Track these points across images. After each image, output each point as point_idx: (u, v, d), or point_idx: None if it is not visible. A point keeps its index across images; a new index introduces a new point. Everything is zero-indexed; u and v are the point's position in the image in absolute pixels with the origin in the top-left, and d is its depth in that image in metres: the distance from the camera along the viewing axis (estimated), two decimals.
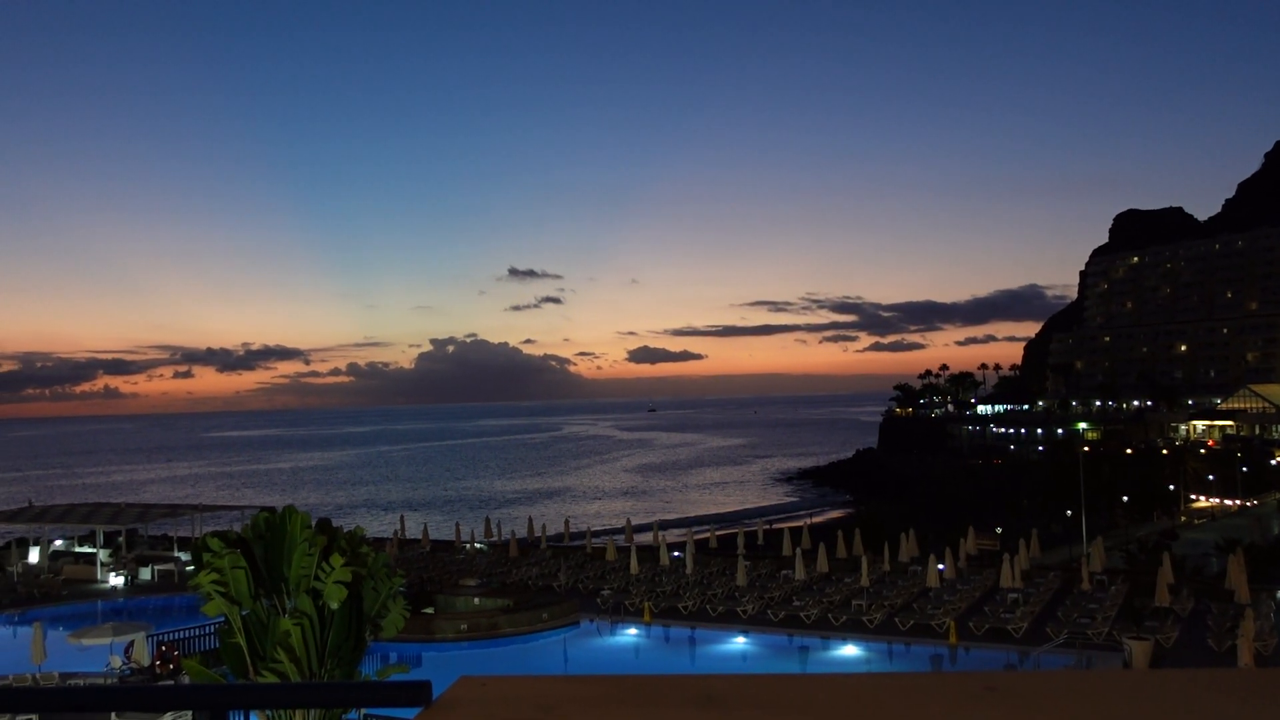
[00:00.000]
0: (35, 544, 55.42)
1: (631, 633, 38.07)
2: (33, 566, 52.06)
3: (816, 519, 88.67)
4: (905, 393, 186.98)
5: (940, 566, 41.69)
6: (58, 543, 56.51)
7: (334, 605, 19.77)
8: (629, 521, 59.80)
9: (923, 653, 33.95)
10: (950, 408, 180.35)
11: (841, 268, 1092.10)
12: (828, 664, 34.34)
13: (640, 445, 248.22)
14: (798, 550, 45.55)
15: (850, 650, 34.82)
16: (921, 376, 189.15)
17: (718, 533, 57.28)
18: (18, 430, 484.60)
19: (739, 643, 36.43)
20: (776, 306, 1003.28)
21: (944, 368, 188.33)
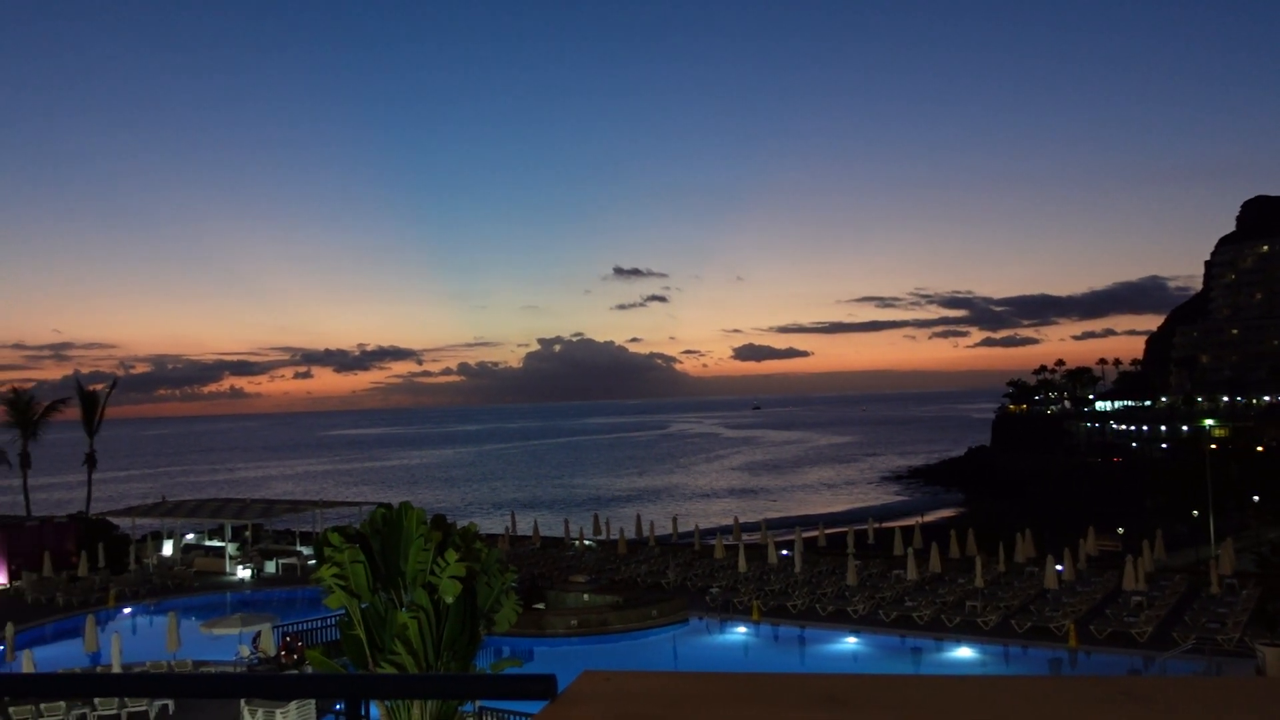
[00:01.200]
0: (169, 537, 58.07)
1: (740, 631, 37.98)
2: (166, 559, 54.55)
3: (928, 518, 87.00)
4: (1019, 389, 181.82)
5: (1059, 567, 40.48)
6: (189, 536, 59.04)
7: (449, 599, 20.25)
8: (736, 520, 59.61)
9: (1041, 656, 33.02)
10: (1067, 404, 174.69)
11: (951, 262, 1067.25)
12: (942, 666, 33.69)
13: (747, 443, 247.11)
14: (909, 550, 44.79)
15: (965, 652, 34.09)
16: (1036, 372, 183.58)
17: (826, 531, 56.67)
18: (151, 429, 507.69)
19: (850, 643, 36.00)
20: (884, 302, 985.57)
21: (1060, 363, 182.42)
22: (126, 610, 44.82)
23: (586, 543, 57.10)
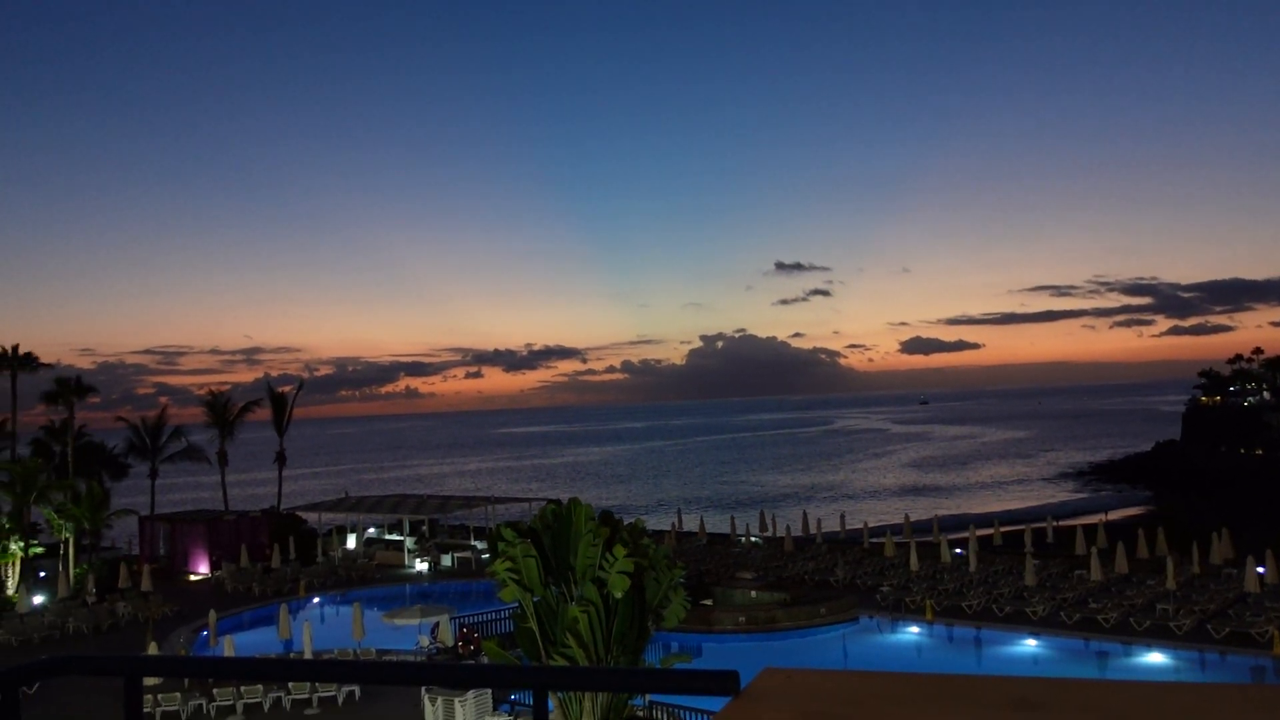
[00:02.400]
0: (352, 532, 61.03)
1: (913, 631, 37.10)
2: (350, 552, 57.34)
3: (1112, 516, 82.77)
4: (1212, 380, 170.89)
5: (1260, 569, 37.81)
6: (371, 531, 61.89)
7: (618, 594, 20.53)
8: (907, 517, 58.28)
9: (1241, 663, 30.97)
10: (1266, 395, 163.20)
11: (1133, 246, 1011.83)
12: (1131, 671, 32.01)
13: (916, 439, 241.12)
14: (1092, 549, 42.75)
15: (1156, 658, 32.31)
16: (1231, 361, 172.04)
17: (1002, 529, 54.75)
18: (333, 428, 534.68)
19: (1029, 645, 34.67)
20: (1060, 291, 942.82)
21: (1258, 351, 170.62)
22: (315, 600, 47.31)
23: (753, 539, 56.90)
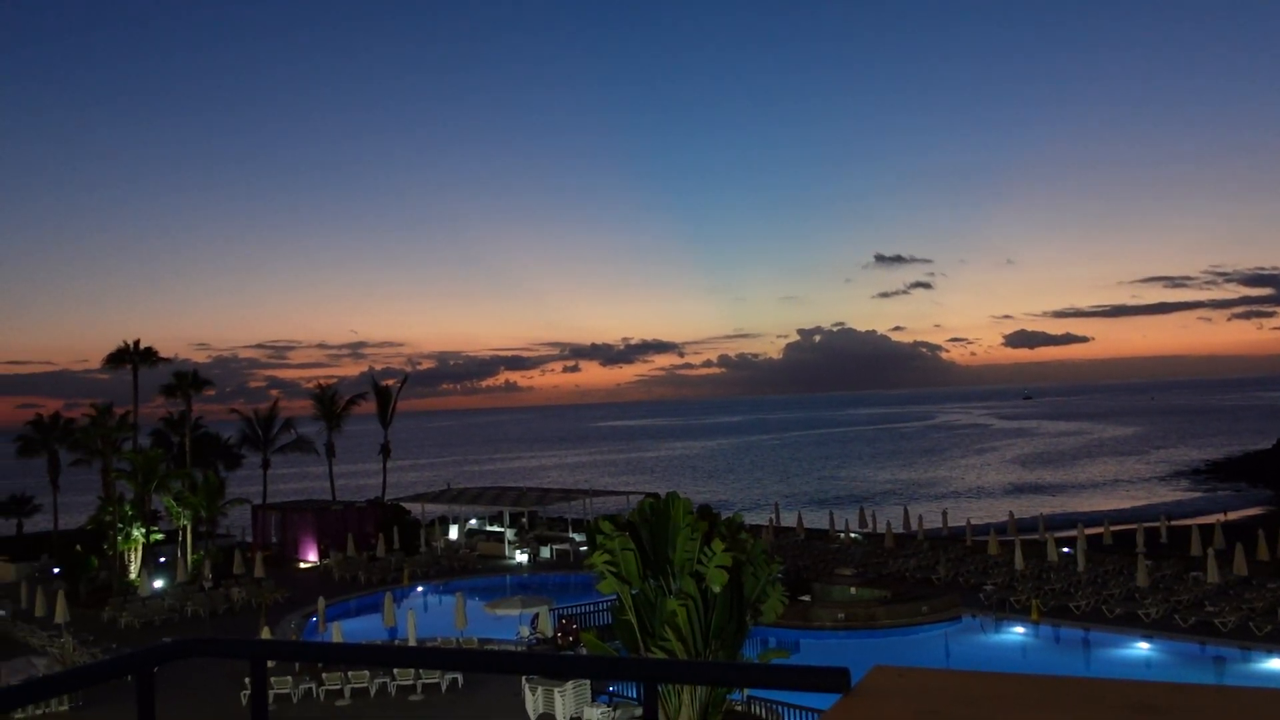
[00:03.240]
0: (454, 522, 62.20)
1: (1017, 630, 36.23)
2: (452, 542, 58.45)
3: (1230, 516, 79.47)
4: None
5: None
6: (472, 522, 62.99)
7: (716, 588, 20.51)
8: (1011, 515, 56.96)
9: None
10: None
11: (1253, 235, 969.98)
12: (1250, 678, 30.71)
13: (1020, 435, 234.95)
14: (1209, 550, 41.12)
15: (1278, 664, 30.96)
16: None
17: (1112, 528, 53.07)
18: (435, 421, 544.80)
19: (1141, 648, 33.53)
20: (1174, 282, 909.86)
21: None
22: (419, 589, 48.35)
23: (852, 535, 56.24)
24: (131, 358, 58.97)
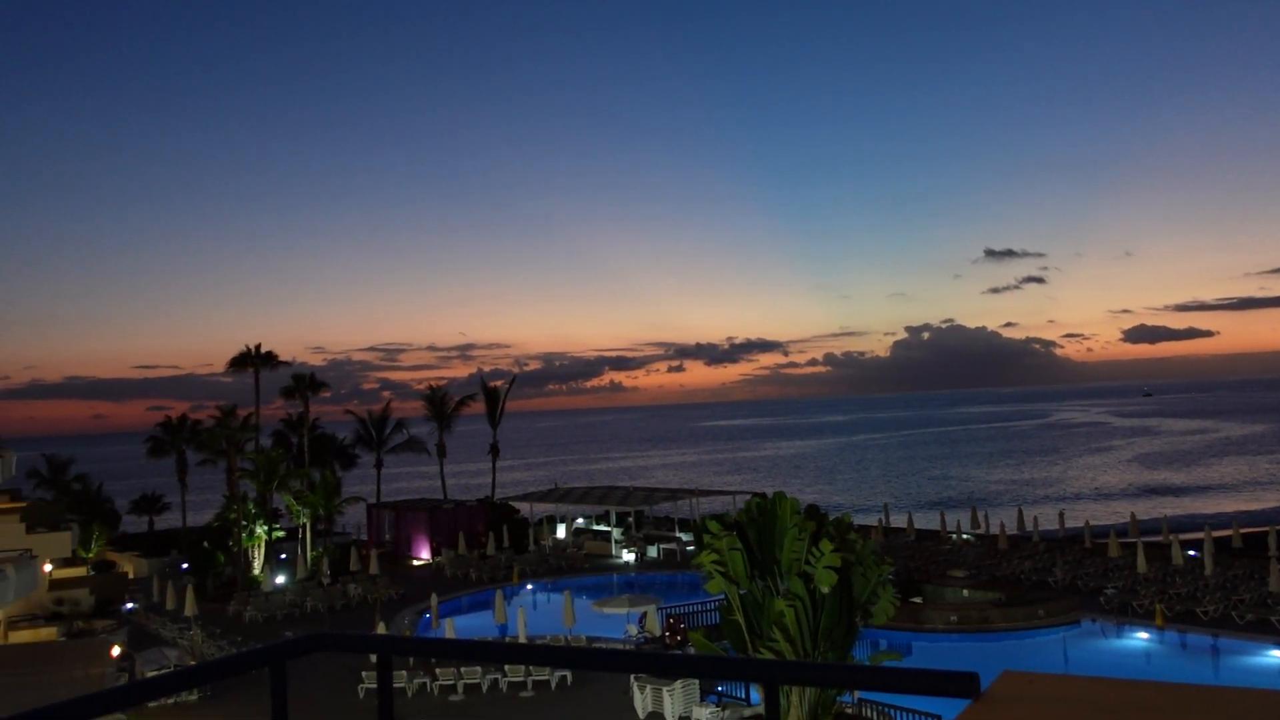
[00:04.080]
0: (561, 521, 62.90)
1: (1140, 636, 34.92)
2: (560, 541, 59.12)
3: None
4: None
5: None
6: (579, 521, 63.57)
7: (824, 589, 20.28)
8: (1133, 516, 54.91)
9: None
10: None
11: None
12: None
13: (1141, 433, 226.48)
14: None
15: None
16: None
17: (1242, 531, 50.75)
18: (542, 421, 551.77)
19: (1275, 656, 31.98)
20: None
21: None
22: (528, 587, 49.03)
23: (964, 536, 55.02)
24: (253, 361, 61.28)
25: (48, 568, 39.49)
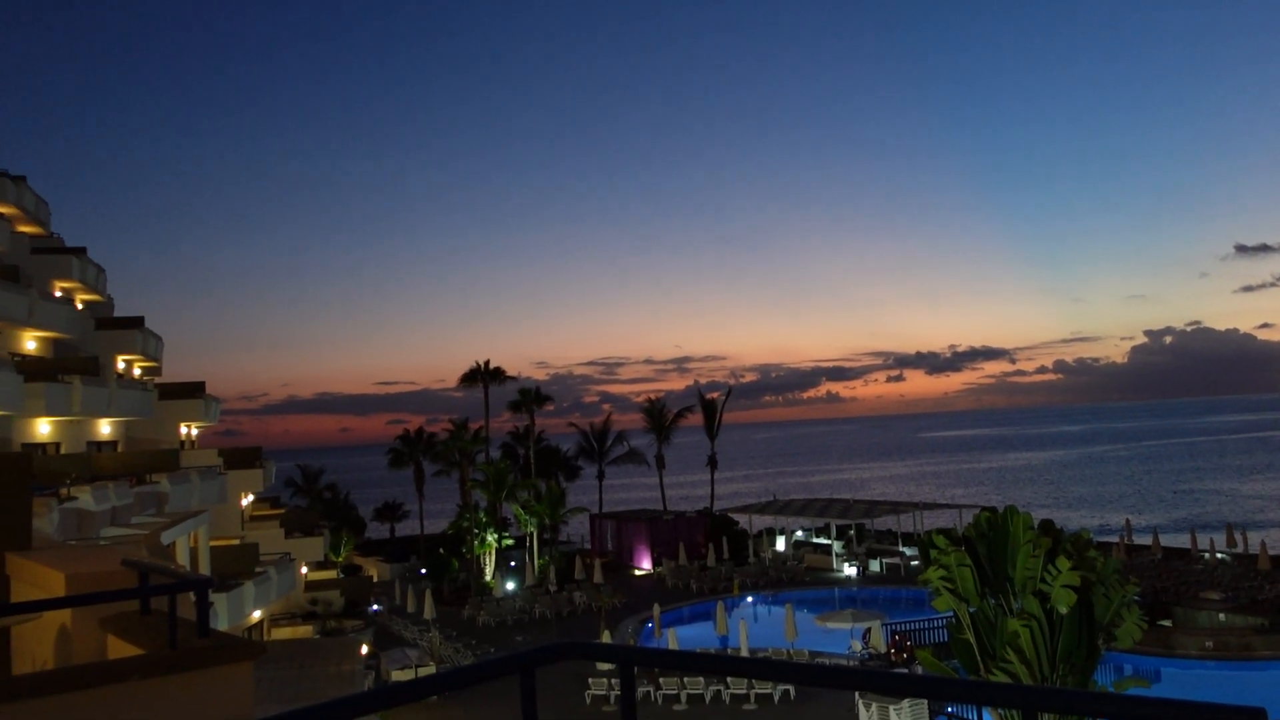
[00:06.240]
0: (781, 534, 62.47)
1: None
2: (780, 554, 58.71)
3: None
4: None
5: None
6: (798, 533, 62.96)
7: (1063, 609, 19.22)
8: None
9: None
10: None
11: None
12: None
13: None
14: None
15: None
16: None
17: None
18: (758, 433, 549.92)
19: None
20: None
21: None
22: (748, 599, 48.93)
23: (1219, 556, 50.88)
24: (482, 377, 64.17)
25: (304, 570, 42.67)
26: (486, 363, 64.42)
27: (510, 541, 60.70)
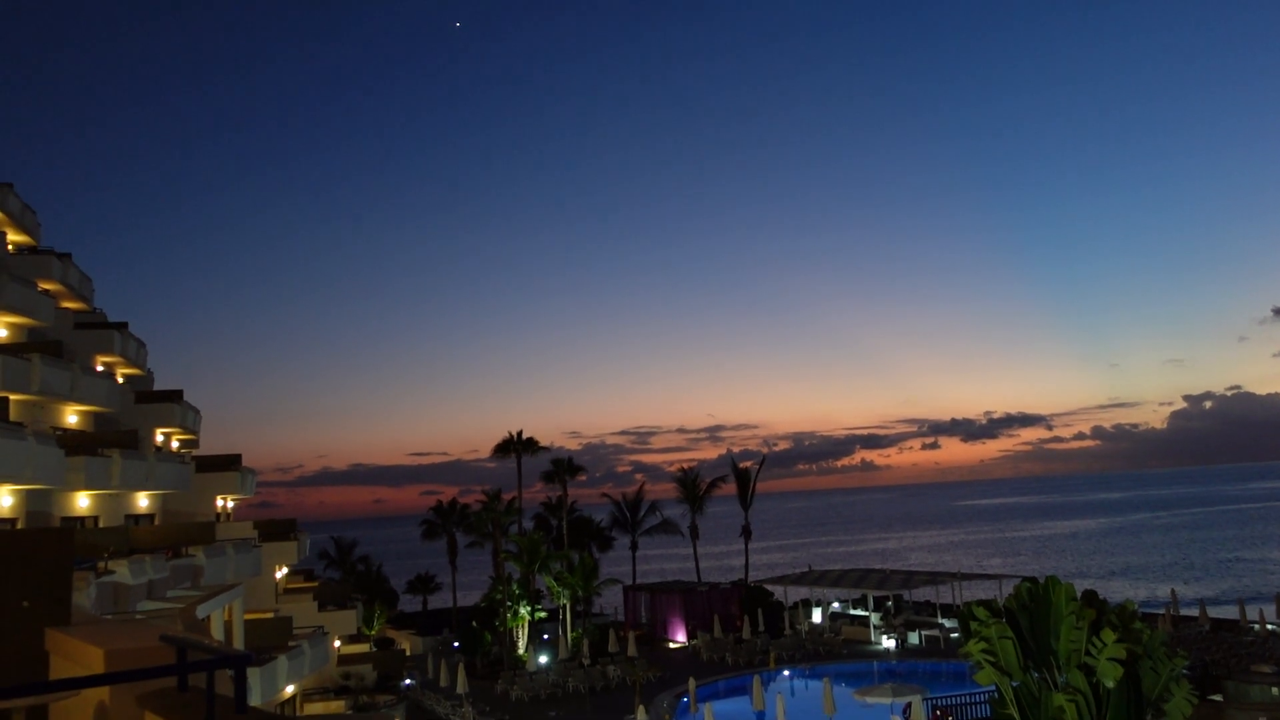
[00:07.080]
0: (817, 605, 61.53)
1: None
2: (817, 626, 57.75)
3: None
4: None
5: None
6: (835, 605, 61.98)
7: (1109, 683, 18.77)
8: None
9: None
10: None
11: None
12: None
13: None
14: None
15: None
16: None
17: None
18: (791, 502, 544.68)
19: None
20: None
21: None
22: (785, 672, 48.06)
23: (1269, 627, 49.49)
24: (515, 447, 64.25)
25: (337, 643, 42.48)
26: (519, 433, 64.55)
27: (543, 614, 60.16)
